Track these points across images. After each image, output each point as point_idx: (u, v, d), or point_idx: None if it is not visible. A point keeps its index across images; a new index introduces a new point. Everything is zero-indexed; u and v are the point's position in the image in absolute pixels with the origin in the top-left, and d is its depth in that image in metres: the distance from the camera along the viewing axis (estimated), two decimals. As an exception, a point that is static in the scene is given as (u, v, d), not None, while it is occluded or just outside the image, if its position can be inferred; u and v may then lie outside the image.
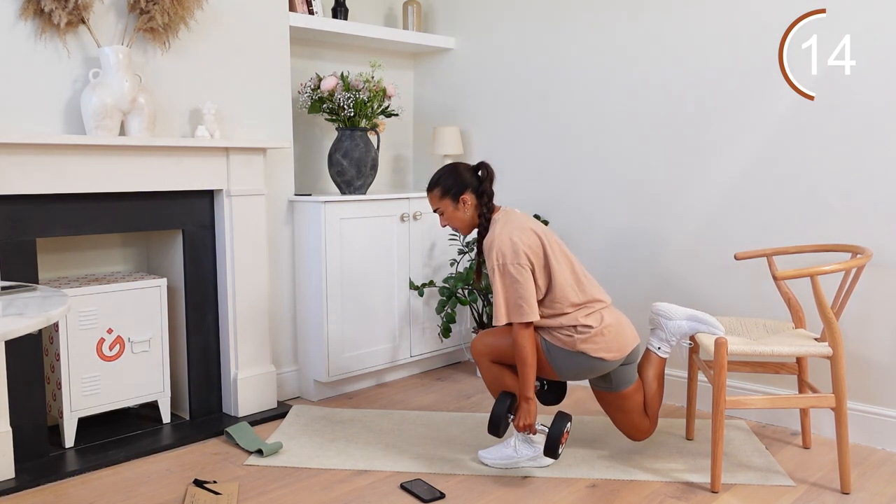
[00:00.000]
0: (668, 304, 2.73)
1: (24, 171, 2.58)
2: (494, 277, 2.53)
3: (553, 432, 2.52)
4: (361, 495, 2.49)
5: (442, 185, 2.67)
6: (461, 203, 2.65)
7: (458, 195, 2.65)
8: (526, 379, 2.53)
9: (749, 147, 3.12)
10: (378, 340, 3.64)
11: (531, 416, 2.55)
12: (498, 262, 2.52)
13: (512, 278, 2.50)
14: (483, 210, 2.66)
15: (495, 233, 2.57)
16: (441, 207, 2.69)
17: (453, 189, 2.65)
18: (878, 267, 2.83)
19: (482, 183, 2.67)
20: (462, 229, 2.71)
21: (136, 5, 2.85)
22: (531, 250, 2.53)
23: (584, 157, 3.63)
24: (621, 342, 2.57)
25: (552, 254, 2.56)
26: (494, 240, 2.55)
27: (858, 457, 2.78)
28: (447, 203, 2.67)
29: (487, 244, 2.57)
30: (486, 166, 2.68)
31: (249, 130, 3.29)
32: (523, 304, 2.49)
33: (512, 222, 2.58)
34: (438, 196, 2.68)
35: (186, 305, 3.14)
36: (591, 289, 2.62)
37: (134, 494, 2.52)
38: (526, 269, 2.51)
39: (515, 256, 2.50)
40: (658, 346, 2.74)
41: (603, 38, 3.53)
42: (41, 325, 1.65)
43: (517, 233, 2.54)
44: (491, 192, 2.67)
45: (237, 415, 3.23)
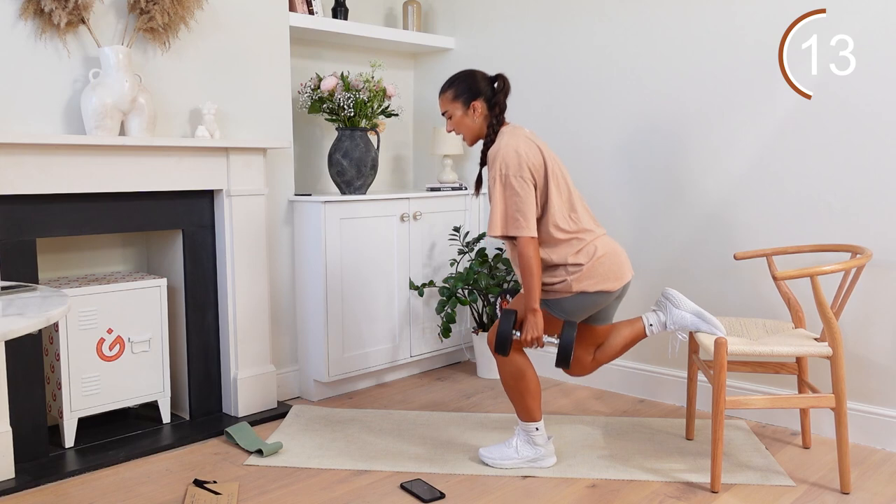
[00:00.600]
0: (680, 294, 2.70)
1: (24, 171, 2.58)
2: (495, 187, 2.48)
3: (565, 340, 2.44)
4: (361, 495, 2.49)
5: (455, 87, 2.63)
6: (471, 109, 2.61)
7: (470, 101, 2.60)
8: (531, 290, 2.47)
9: (749, 147, 3.12)
10: (378, 340, 3.64)
11: (539, 328, 2.48)
12: (501, 171, 2.47)
13: (513, 190, 2.46)
14: (492, 121, 2.61)
15: (501, 143, 2.52)
16: (450, 111, 2.64)
17: (466, 94, 2.61)
18: (878, 267, 2.83)
19: (496, 94, 2.62)
20: (467, 137, 2.67)
21: (136, 5, 2.85)
22: (534, 166, 2.49)
23: (583, 156, 3.63)
24: (618, 270, 2.55)
25: (552, 176, 2.53)
26: (500, 150, 2.50)
27: (858, 457, 2.78)
28: (457, 107, 2.62)
29: (492, 154, 2.52)
30: (503, 78, 2.64)
31: (249, 130, 3.29)
32: (520, 218, 2.45)
33: (518, 136, 2.54)
34: (450, 98, 2.64)
35: (186, 305, 3.14)
36: (584, 219, 2.58)
37: (134, 494, 2.52)
38: (528, 184, 2.47)
39: (519, 169, 2.46)
40: (650, 323, 2.70)
41: (603, 38, 3.53)
42: (41, 325, 1.65)
43: (523, 146, 2.50)
44: (503, 105, 2.62)
45: (237, 415, 3.23)
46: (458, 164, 4.18)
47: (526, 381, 2.61)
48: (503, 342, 2.51)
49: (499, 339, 2.52)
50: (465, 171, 4.17)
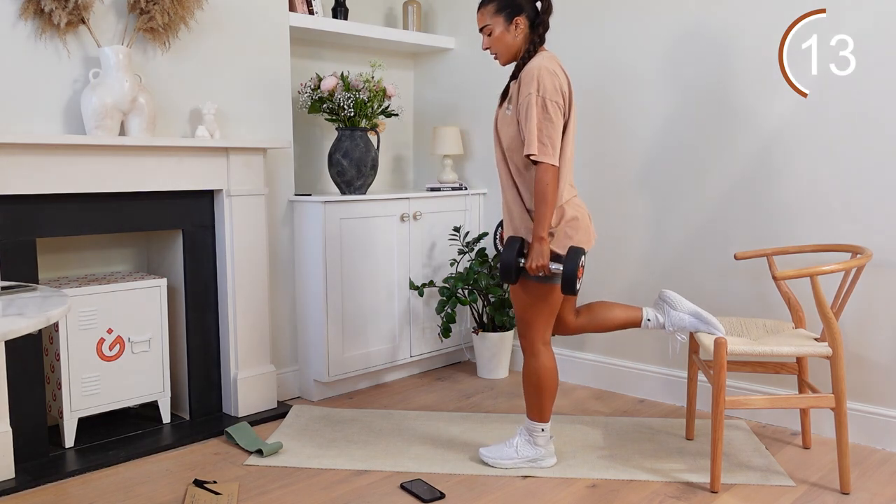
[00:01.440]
0: (677, 295, 2.69)
1: (24, 171, 2.58)
2: (530, 107, 2.39)
3: (569, 268, 2.39)
4: (361, 495, 2.49)
5: (499, 1, 2.53)
6: (514, 25, 2.52)
7: (513, 16, 2.51)
8: (542, 217, 2.40)
9: (749, 147, 3.12)
10: (378, 340, 3.64)
11: (544, 256, 2.42)
12: (538, 92, 2.40)
13: (547, 115, 2.40)
14: (534, 40, 2.51)
15: (542, 61, 2.44)
16: (491, 25, 2.53)
17: (509, 8, 2.51)
18: (878, 267, 2.83)
19: (540, 14, 2.54)
20: (504, 55, 2.57)
21: (136, 5, 2.85)
22: (564, 97, 2.46)
23: (583, 156, 3.63)
24: (589, 235, 2.56)
25: (573, 115, 2.51)
26: (540, 68, 2.41)
27: (858, 457, 2.78)
28: (499, 21, 2.52)
29: (529, 71, 2.43)
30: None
31: (249, 130, 3.29)
32: (548, 144, 2.39)
33: (556, 63, 2.49)
34: (492, 11, 2.52)
35: (186, 305, 3.14)
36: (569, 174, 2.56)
37: (134, 494, 2.52)
38: (560, 111, 2.43)
39: (555, 93, 2.42)
40: (649, 318, 2.69)
41: (603, 38, 3.53)
42: (41, 325, 1.65)
43: (560, 75, 2.46)
44: (547, 25, 2.53)
45: (237, 415, 3.23)
46: (458, 164, 4.18)
47: (549, 381, 2.59)
48: (508, 270, 2.47)
49: (503, 267, 2.48)
50: (465, 171, 4.17)
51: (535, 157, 2.40)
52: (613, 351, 3.60)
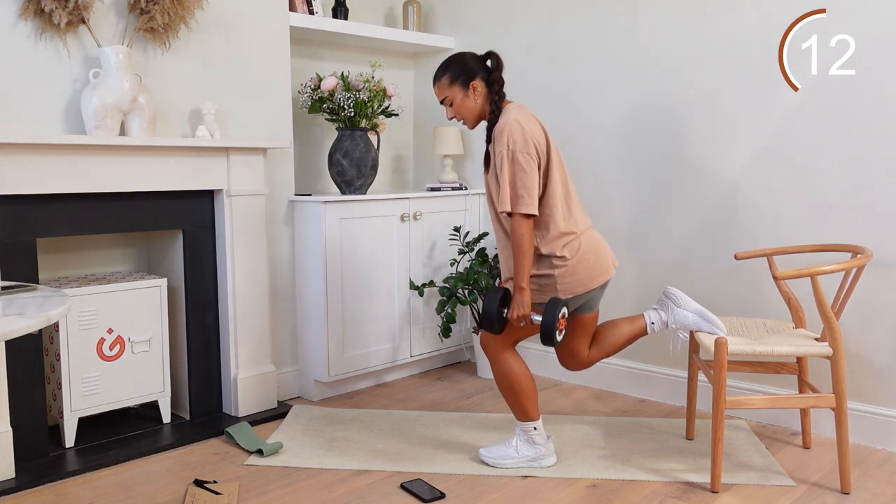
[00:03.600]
0: (682, 292, 2.70)
1: (24, 171, 2.58)
2: (503, 163, 2.44)
3: (547, 319, 2.42)
4: (361, 495, 2.49)
5: (450, 73, 2.58)
6: (471, 90, 2.57)
7: (468, 82, 2.57)
8: (521, 268, 2.45)
9: (749, 147, 3.12)
10: (378, 340, 3.64)
11: (525, 306, 2.47)
12: (508, 147, 2.45)
13: (519, 166, 2.43)
14: (494, 98, 2.58)
15: (508, 118, 2.49)
16: (450, 96, 2.60)
17: (462, 76, 2.57)
18: (878, 267, 2.83)
19: (492, 72, 2.59)
20: (469, 120, 2.63)
21: (136, 5, 2.85)
22: (539, 145, 2.48)
23: (583, 156, 3.63)
24: (601, 267, 2.55)
25: (554, 157, 2.52)
26: (507, 125, 2.47)
27: (858, 457, 2.78)
28: (456, 91, 2.58)
29: (498, 129, 2.49)
30: (494, 55, 2.60)
31: (249, 130, 3.29)
32: (525, 195, 2.43)
33: (523, 113, 2.53)
34: (447, 84, 2.59)
35: (186, 305, 3.14)
36: (576, 209, 2.57)
37: (134, 494, 2.52)
38: (533, 160, 2.45)
39: (525, 145, 2.44)
40: (652, 322, 2.70)
41: (603, 37, 3.53)
42: (41, 325, 1.65)
43: (529, 123, 2.49)
44: (501, 81, 2.58)
45: (237, 415, 3.23)
46: (458, 164, 4.18)
47: (519, 381, 2.61)
48: (489, 319, 2.51)
49: (484, 315, 2.52)
50: (465, 171, 4.17)
51: (508, 211, 2.45)
52: (613, 351, 3.60)
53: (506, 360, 2.62)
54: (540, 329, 2.46)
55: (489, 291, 2.56)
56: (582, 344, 2.73)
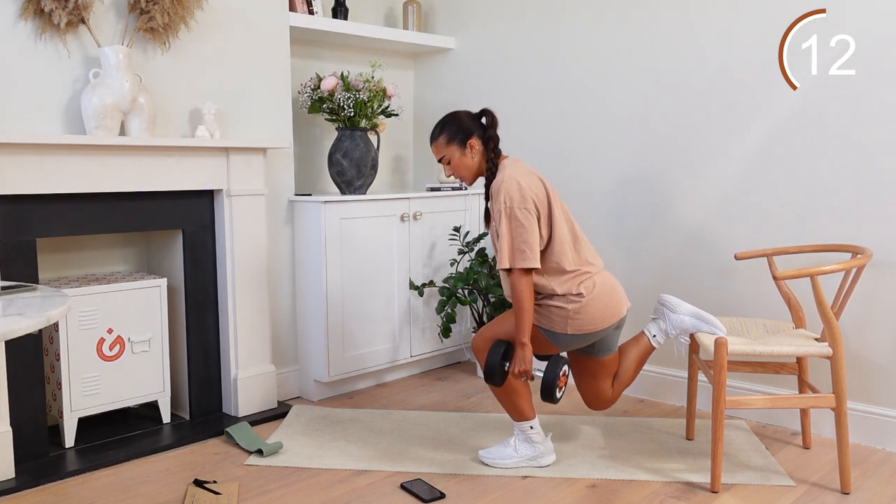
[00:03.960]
0: (676, 298, 2.71)
1: (24, 171, 2.58)
2: (501, 221, 2.48)
3: (548, 376, 2.47)
4: (361, 495, 2.49)
5: (447, 131, 2.62)
6: (468, 148, 2.61)
7: (465, 140, 2.61)
8: (522, 324, 2.48)
9: (749, 147, 3.12)
10: (378, 340, 3.64)
11: (526, 362, 2.49)
12: (505, 204, 2.48)
13: (518, 222, 2.46)
14: (490, 155, 2.62)
15: (504, 175, 2.52)
16: (447, 155, 2.64)
17: (459, 135, 2.61)
18: (878, 267, 2.83)
19: (487, 129, 2.63)
20: (467, 177, 2.67)
21: (136, 5, 2.85)
22: (537, 198, 2.51)
23: (584, 156, 3.63)
24: (614, 308, 2.56)
25: (556, 207, 2.55)
26: (503, 182, 2.50)
27: (858, 457, 2.78)
28: (454, 150, 2.62)
29: (495, 187, 2.53)
30: (489, 113, 2.65)
31: (249, 130, 3.29)
32: (526, 250, 2.45)
33: (520, 168, 2.55)
34: (444, 143, 2.63)
35: (186, 305, 3.14)
36: (585, 251, 2.60)
37: (134, 494, 2.52)
38: (532, 215, 2.47)
39: (523, 201, 2.47)
40: (654, 335, 2.73)
41: (603, 38, 3.53)
42: (41, 325, 1.65)
43: (525, 178, 2.51)
44: (496, 138, 2.63)
45: (237, 415, 3.23)
46: (458, 164, 4.18)
47: (511, 384, 2.62)
48: (491, 373, 2.56)
49: (487, 369, 2.57)
50: (465, 171, 4.17)
51: (506, 268, 2.48)
52: (613, 351, 3.60)
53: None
54: (541, 385, 2.51)
55: (492, 345, 2.59)
56: (606, 385, 2.74)
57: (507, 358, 2.57)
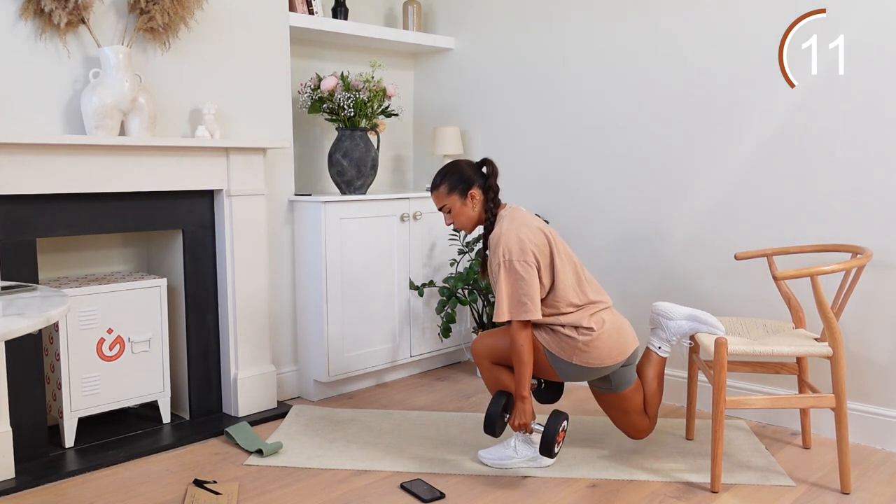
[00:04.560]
0: (669, 304, 2.73)
1: (24, 171, 2.58)
2: (499, 273, 2.50)
3: (548, 432, 2.52)
4: (361, 495, 2.49)
5: (449, 181, 2.64)
6: (469, 199, 2.63)
7: (466, 191, 2.63)
8: (522, 378, 2.52)
9: (749, 147, 3.12)
10: (378, 340, 3.64)
11: (526, 415, 2.55)
12: (504, 258, 2.49)
13: (517, 275, 2.48)
14: (489, 205, 2.64)
15: (503, 228, 2.55)
16: (448, 204, 2.66)
17: (460, 185, 2.63)
18: (878, 267, 2.83)
19: (487, 179, 2.66)
20: (468, 227, 2.69)
21: (136, 5, 2.85)
22: (538, 249, 2.52)
23: (584, 157, 3.63)
24: (621, 346, 2.57)
25: (557, 253, 2.56)
26: (501, 235, 2.53)
27: (858, 457, 2.78)
28: (455, 199, 2.64)
29: (494, 239, 2.55)
30: (490, 162, 2.67)
31: (249, 130, 3.29)
32: (527, 302, 2.47)
33: (519, 219, 2.57)
34: (445, 193, 2.65)
35: (186, 305, 3.14)
36: (591, 291, 2.62)
37: (134, 494, 2.52)
38: (532, 267, 2.49)
39: (522, 254, 2.49)
40: (658, 346, 2.74)
41: (603, 39, 3.53)
42: (41, 325, 1.65)
43: (524, 230, 2.53)
44: (497, 188, 2.66)
45: (237, 415, 3.23)
46: (458, 164, 4.18)
47: (508, 385, 2.65)
48: (492, 424, 2.60)
49: (487, 420, 2.60)
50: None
51: (503, 321, 2.50)
52: (613, 351, 3.60)
53: (493, 367, 2.68)
54: (540, 440, 2.55)
55: (493, 397, 2.62)
56: (636, 416, 2.72)
57: (508, 410, 2.61)
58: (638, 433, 2.74)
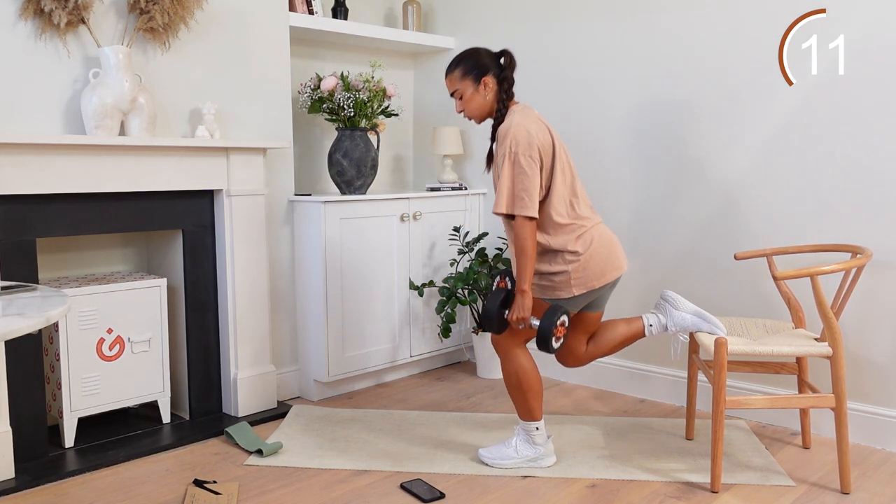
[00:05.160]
0: (678, 295, 2.70)
1: (24, 171, 2.58)
2: (504, 165, 2.46)
3: (545, 324, 2.45)
4: (361, 495, 2.49)
5: (464, 65, 2.61)
6: (482, 86, 2.59)
7: (480, 77, 2.59)
8: (524, 270, 2.47)
9: (749, 147, 3.12)
10: (378, 340, 3.64)
11: (525, 309, 2.49)
12: (511, 149, 2.46)
13: (520, 168, 2.45)
14: (502, 97, 2.60)
15: (513, 120, 2.51)
16: (461, 89, 2.62)
17: (475, 71, 2.59)
18: (878, 267, 2.83)
19: (504, 70, 2.61)
20: (477, 116, 2.65)
21: (136, 5, 2.85)
22: (543, 148, 2.49)
23: (584, 157, 3.63)
24: (614, 263, 2.56)
25: (559, 159, 2.53)
26: (511, 127, 2.49)
27: (858, 457, 2.78)
28: (468, 84, 2.60)
29: (503, 130, 2.51)
30: (508, 53, 2.63)
31: (249, 130, 3.29)
32: (525, 197, 2.44)
33: (530, 116, 2.54)
34: (459, 76, 2.61)
35: (186, 305, 3.14)
36: (583, 206, 2.58)
37: (134, 494, 2.52)
38: (535, 163, 2.46)
39: (529, 148, 2.46)
40: (650, 324, 2.70)
41: (603, 37, 3.53)
42: (41, 325, 1.65)
43: (534, 126, 2.50)
44: (512, 80, 2.61)
45: (237, 415, 3.23)
46: (458, 164, 4.18)
47: (529, 380, 2.61)
48: (488, 319, 2.53)
49: (483, 315, 2.54)
50: (465, 171, 4.17)
51: (500, 213, 2.47)
52: (613, 351, 3.60)
53: (517, 357, 2.62)
54: (536, 334, 2.48)
55: (491, 292, 2.58)
56: (579, 341, 2.74)
57: (507, 306, 2.54)
58: (570, 359, 2.74)
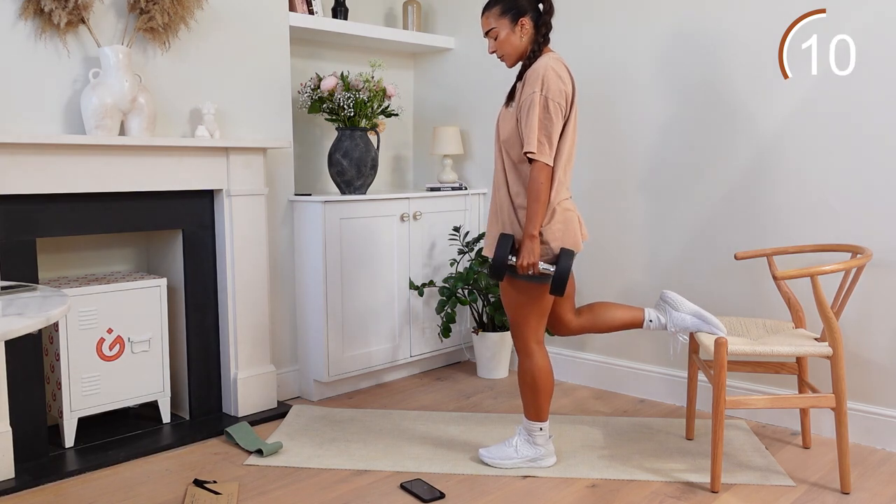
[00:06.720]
0: (678, 296, 2.70)
1: (24, 171, 2.58)
2: (533, 105, 2.41)
3: (561, 268, 2.41)
4: (361, 495, 2.49)
5: (502, 4, 2.54)
6: (519, 26, 2.54)
7: (518, 17, 2.53)
8: (534, 215, 2.42)
9: (749, 147, 3.12)
10: (378, 340, 3.64)
11: (534, 255, 2.44)
12: (541, 92, 2.41)
13: (547, 113, 2.42)
14: (538, 40, 2.55)
15: (547, 63, 2.45)
16: (497, 28, 2.54)
17: (513, 11, 2.53)
18: (878, 267, 2.83)
19: (542, 15, 2.56)
20: (511, 57, 2.58)
21: (136, 5, 2.85)
22: (567, 98, 2.47)
23: (584, 156, 3.63)
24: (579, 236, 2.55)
25: (572, 119, 2.51)
26: (545, 69, 2.43)
27: (858, 457, 2.78)
28: (504, 23, 2.54)
29: (536, 70, 2.45)
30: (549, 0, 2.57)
31: (249, 130, 3.29)
32: (546, 143, 2.41)
33: (561, 64, 2.50)
34: (497, 14, 2.55)
35: (186, 305, 3.14)
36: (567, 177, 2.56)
37: (134, 494, 2.52)
38: (561, 112, 2.44)
39: (558, 94, 2.43)
40: (650, 319, 2.70)
41: (603, 38, 3.53)
42: (41, 325, 1.65)
43: (565, 75, 2.48)
44: (550, 25, 2.55)
45: (237, 415, 3.23)
46: (458, 163, 4.18)
47: (544, 381, 2.60)
48: (498, 267, 2.47)
49: (494, 263, 2.48)
50: (465, 171, 4.17)
51: (533, 155, 2.42)
52: (613, 351, 3.61)
53: (536, 354, 2.59)
54: (553, 277, 2.43)
55: (499, 239, 2.49)
56: (565, 308, 2.72)
57: (514, 252, 2.50)
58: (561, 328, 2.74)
